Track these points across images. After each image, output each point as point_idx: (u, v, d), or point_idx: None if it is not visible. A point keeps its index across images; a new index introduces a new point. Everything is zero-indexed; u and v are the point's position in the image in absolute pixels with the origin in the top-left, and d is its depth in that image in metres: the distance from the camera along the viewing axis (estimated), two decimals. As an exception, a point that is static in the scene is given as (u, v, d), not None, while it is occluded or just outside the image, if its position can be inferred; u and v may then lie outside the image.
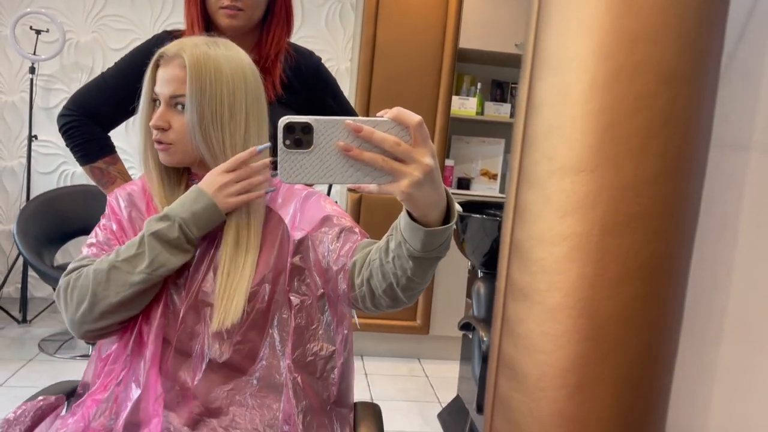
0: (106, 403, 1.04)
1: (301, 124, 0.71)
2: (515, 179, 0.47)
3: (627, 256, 0.43)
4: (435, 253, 0.87)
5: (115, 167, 1.58)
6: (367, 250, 1.02)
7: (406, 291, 0.95)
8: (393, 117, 0.74)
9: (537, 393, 0.44)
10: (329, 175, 0.73)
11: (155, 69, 1.07)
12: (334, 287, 1.04)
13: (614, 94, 0.42)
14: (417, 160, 0.74)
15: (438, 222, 0.84)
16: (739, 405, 0.50)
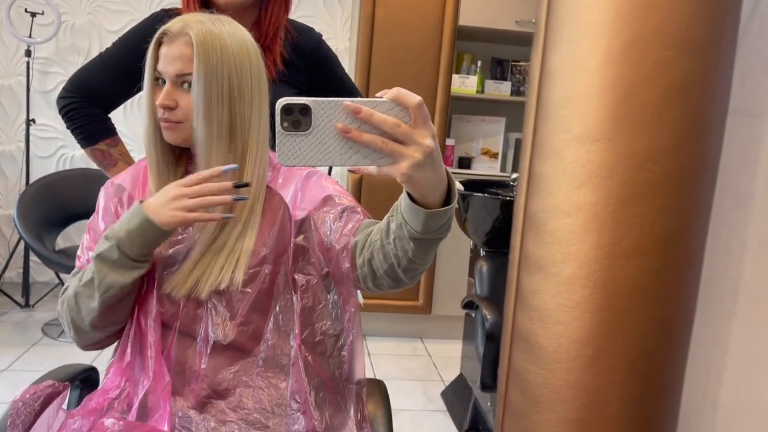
0: (117, 399, 1.04)
1: (299, 105, 0.69)
2: (529, 151, 0.47)
3: (643, 227, 0.42)
4: (436, 234, 0.87)
5: (117, 149, 1.57)
6: (368, 231, 1.02)
7: (408, 272, 0.95)
8: (393, 97, 0.72)
9: (553, 364, 0.44)
10: (328, 157, 0.72)
11: (158, 47, 1.05)
12: (338, 266, 1.05)
13: (630, 63, 0.41)
14: (417, 142, 0.73)
15: (439, 203, 0.83)
16: (753, 376, 0.50)
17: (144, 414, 1.01)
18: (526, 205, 0.47)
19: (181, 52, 1.02)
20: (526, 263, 0.46)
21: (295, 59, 1.59)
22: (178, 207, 0.97)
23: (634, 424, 0.45)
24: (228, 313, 1.05)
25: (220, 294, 1.05)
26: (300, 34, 1.61)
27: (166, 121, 1.04)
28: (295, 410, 1.05)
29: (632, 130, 0.41)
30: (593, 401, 0.44)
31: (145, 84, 1.06)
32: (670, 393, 0.46)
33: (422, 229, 0.85)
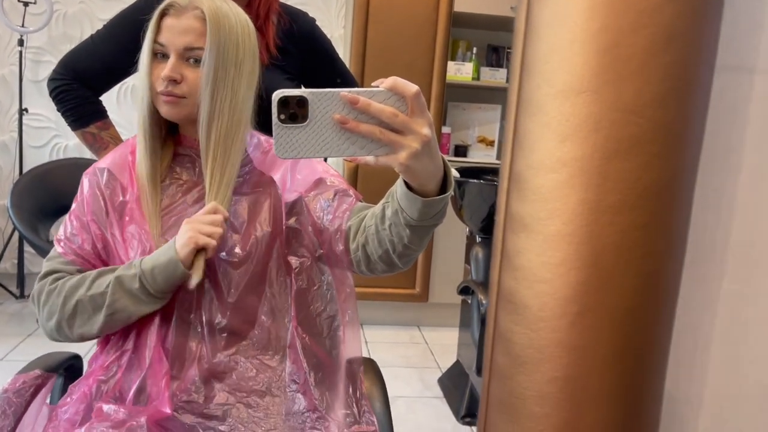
0: (107, 384, 1.03)
1: (295, 97, 0.69)
2: (514, 108, 0.46)
3: (628, 182, 0.42)
4: (432, 221, 0.87)
5: (108, 132, 1.56)
6: (362, 215, 1.02)
7: (402, 257, 0.95)
8: (389, 87, 0.72)
9: (537, 323, 0.44)
10: (326, 148, 0.71)
11: (160, 19, 1.02)
12: (331, 248, 1.04)
13: (615, 12, 0.40)
14: (415, 131, 0.73)
15: (435, 191, 0.83)
16: (741, 337, 0.49)
17: (142, 400, 1.00)
18: (511, 165, 0.46)
19: (191, 25, 1.01)
20: (510, 223, 0.46)
21: (288, 44, 1.57)
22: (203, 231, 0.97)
23: (621, 380, 0.44)
24: (222, 296, 1.04)
25: (214, 278, 1.04)
26: (293, 19, 1.59)
27: (169, 94, 1.01)
28: (294, 390, 1.05)
29: (617, 81, 0.40)
30: (579, 359, 0.43)
31: (144, 56, 1.03)
32: (658, 350, 0.45)
33: (418, 217, 0.85)
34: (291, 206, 1.08)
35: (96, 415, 0.95)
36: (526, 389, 0.45)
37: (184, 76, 1.01)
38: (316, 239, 1.07)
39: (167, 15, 1.02)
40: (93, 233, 1.06)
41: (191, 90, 1.02)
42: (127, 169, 1.10)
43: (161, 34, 1.02)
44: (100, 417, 0.94)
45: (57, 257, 1.07)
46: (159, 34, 1.02)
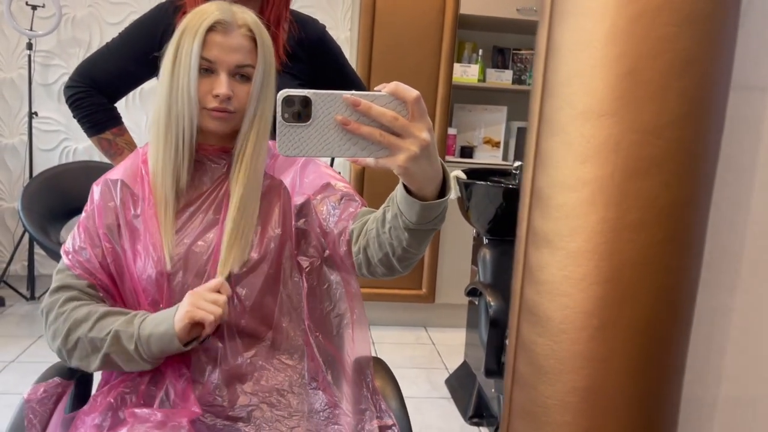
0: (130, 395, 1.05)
1: (299, 97, 0.71)
2: (535, 127, 0.48)
3: (647, 200, 0.43)
4: (430, 225, 0.89)
5: (123, 138, 1.58)
6: (364, 219, 1.04)
7: (402, 261, 0.97)
8: (391, 91, 0.74)
9: (559, 335, 0.46)
10: (327, 148, 0.73)
11: (204, 34, 1.02)
12: (335, 250, 1.06)
13: (635, 37, 0.42)
14: (414, 135, 0.75)
15: (434, 195, 0.85)
16: (754, 347, 0.51)
17: (167, 406, 1.02)
18: (532, 182, 0.48)
19: (240, 44, 1.04)
20: (533, 238, 0.47)
21: (298, 51, 1.60)
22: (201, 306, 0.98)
23: (639, 390, 0.46)
24: (239, 299, 1.06)
25: (229, 281, 1.06)
26: (303, 26, 1.61)
27: (222, 111, 1.04)
28: (314, 388, 1.08)
29: (637, 104, 0.42)
30: (599, 370, 0.45)
31: (189, 71, 1.02)
32: (675, 361, 0.47)
33: (417, 220, 0.87)
34: (299, 208, 1.10)
35: (129, 417, 0.97)
36: (549, 398, 0.47)
37: (233, 92, 1.04)
38: (323, 240, 1.10)
39: (214, 31, 1.03)
40: (103, 247, 1.07)
41: (240, 105, 1.06)
42: (139, 179, 1.11)
43: (209, 51, 1.02)
44: (134, 419, 0.96)
45: (65, 270, 1.08)
46: (206, 50, 1.02)
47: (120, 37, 1.56)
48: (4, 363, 2.67)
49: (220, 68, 1.03)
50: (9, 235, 3.53)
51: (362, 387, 1.12)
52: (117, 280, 1.08)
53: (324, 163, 1.18)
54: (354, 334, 1.12)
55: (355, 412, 1.09)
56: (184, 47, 1.02)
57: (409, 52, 3.11)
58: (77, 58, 3.44)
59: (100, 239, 1.07)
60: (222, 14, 1.04)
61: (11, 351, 2.79)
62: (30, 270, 3.39)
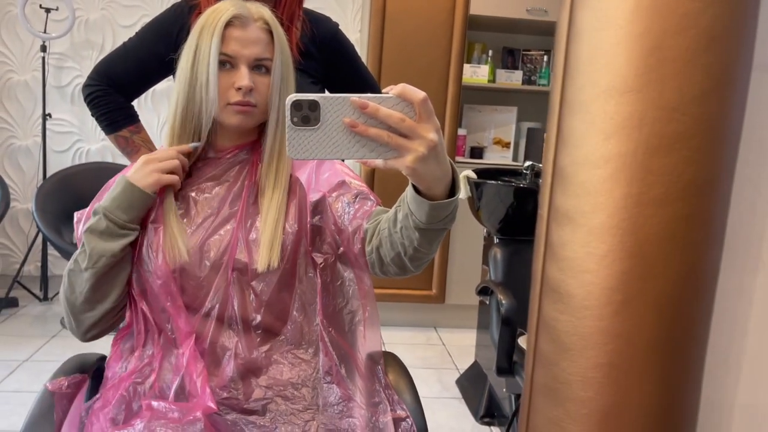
0: (143, 385, 1.06)
1: (308, 101, 0.72)
2: (557, 108, 0.48)
3: (671, 176, 0.44)
4: (440, 225, 0.89)
5: (139, 136, 1.60)
6: (378, 219, 1.05)
7: (414, 260, 0.97)
8: (398, 93, 0.75)
9: (582, 312, 0.46)
10: (336, 150, 0.74)
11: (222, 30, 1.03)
12: (349, 248, 1.07)
13: (658, 15, 0.42)
14: (422, 136, 0.76)
15: (443, 195, 0.86)
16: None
17: (183, 398, 1.03)
18: (555, 160, 0.48)
19: (258, 36, 1.05)
20: (555, 216, 0.48)
21: (311, 49, 1.61)
22: (153, 169, 1.02)
23: (662, 365, 0.46)
24: (255, 293, 1.07)
25: (246, 276, 1.07)
26: (316, 25, 1.63)
27: (245, 104, 1.05)
28: (329, 382, 1.08)
29: (661, 81, 0.43)
30: (622, 346, 0.45)
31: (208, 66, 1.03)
32: (697, 337, 0.47)
33: (427, 220, 0.87)
34: (315, 205, 1.11)
35: (146, 410, 0.97)
36: (571, 374, 0.47)
37: (255, 85, 1.05)
38: (337, 237, 1.10)
39: (232, 26, 1.04)
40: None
41: (261, 98, 1.06)
42: None
43: (228, 45, 1.04)
44: (150, 413, 0.97)
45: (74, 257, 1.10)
46: (225, 45, 1.04)
47: (137, 36, 1.57)
48: (17, 362, 2.69)
49: (240, 62, 1.04)
50: (23, 236, 3.56)
51: (375, 381, 1.12)
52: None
53: (340, 161, 1.19)
54: (366, 331, 1.13)
55: (369, 405, 1.09)
56: (202, 44, 1.04)
57: (419, 53, 3.12)
58: (90, 60, 3.47)
59: None
60: (238, 9, 1.05)
61: (25, 350, 2.81)
62: (43, 271, 3.41)
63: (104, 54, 3.49)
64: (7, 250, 3.56)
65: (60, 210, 3.06)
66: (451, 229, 0.93)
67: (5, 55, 3.43)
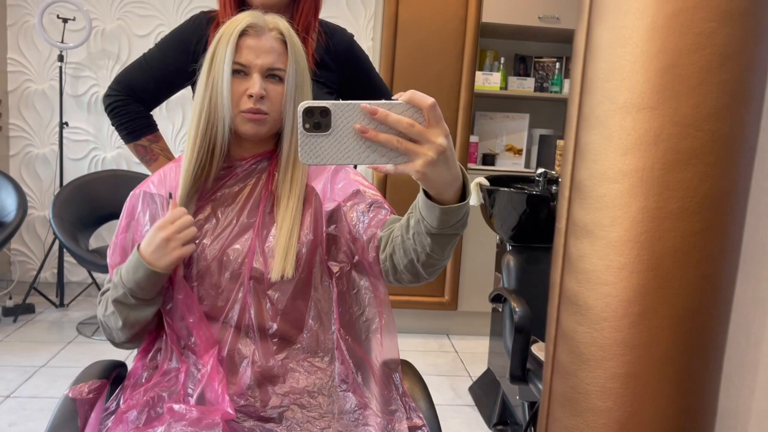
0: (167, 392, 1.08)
1: (319, 108, 0.74)
2: (574, 122, 0.50)
3: (687, 191, 0.45)
4: (452, 230, 0.90)
5: (158, 145, 1.63)
6: (392, 227, 1.06)
7: (427, 267, 0.98)
8: (407, 99, 0.77)
9: (600, 323, 0.47)
10: (347, 156, 0.76)
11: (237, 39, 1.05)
12: (364, 256, 1.08)
13: (675, 34, 0.43)
14: (431, 141, 0.77)
15: (454, 200, 0.87)
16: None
17: (203, 404, 1.05)
18: (572, 174, 0.49)
19: (272, 46, 1.07)
20: (573, 229, 0.49)
21: (327, 60, 1.63)
22: (175, 247, 1.03)
23: (680, 376, 0.47)
24: (271, 302, 1.09)
25: (262, 284, 1.08)
26: (331, 36, 1.65)
27: (257, 112, 1.06)
28: (345, 390, 1.09)
29: (677, 98, 0.44)
30: (640, 357, 0.46)
31: (221, 74, 1.05)
32: (714, 348, 0.48)
33: (438, 225, 0.88)
34: (330, 214, 1.12)
35: (168, 413, 0.99)
36: (589, 385, 0.48)
37: (267, 93, 1.07)
38: (352, 246, 1.11)
39: (246, 35, 1.06)
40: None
41: (274, 107, 1.08)
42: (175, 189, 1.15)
43: (241, 55, 1.06)
44: (172, 415, 0.98)
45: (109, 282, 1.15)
46: (239, 54, 1.06)
47: (156, 47, 1.60)
48: (34, 368, 2.72)
49: (253, 70, 1.06)
50: (39, 243, 3.61)
51: (391, 389, 1.13)
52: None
53: (354, 170, 1.20)
54: (383, 339, 1.14)
55: (385, 413, 1.10)
56: (218, 54, 1.06)
57: (431, 61, 3.14)
58: (106, 70, 3.52)
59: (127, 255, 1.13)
60: (254, 19, 1.07)
61: (41, 356, 2.85)
62: (59, 277, 3.46)
63: (120, 63, 3.55)
64: (24, 257, 3.61)
65: (76, 217, 3.10)
66: (463, 235, 0.94)
67: (23, 65, 3.49)
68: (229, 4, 1.54)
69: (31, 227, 3.59)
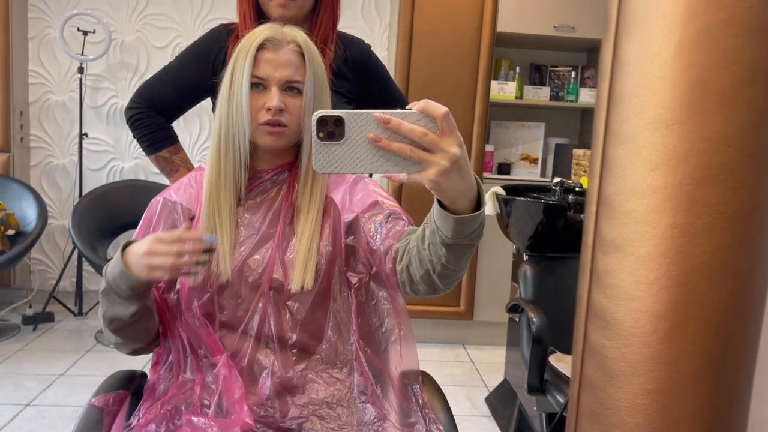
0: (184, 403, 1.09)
1: (333, 117, 0.74)
2: (601, 137, 0.50)
3: (717, 206, 0.45)
4: (467, 240, 0.90)
5: (179, 156, 1.64)
6: (408, 238, 1.06)
7: (443, 278, 0.97)
8: (420, 109, 0.77)
9: (629, 339, 0.47)
10: (360, 165, 0.76)
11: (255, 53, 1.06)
12: (382, 267, 1.08)
13: (703, 50, 0.44)
14: (444, 150, 0.77)
15: (468, 210, 0.86)
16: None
17: (221, 416, 1.05)
18: (599, 189, 0.49)
19: (290, 59, 1.07)
20: (600, 244, 0.49)
21: (344, 70, 1.64)
22: (146, 264, 0.97)
23: (708, 393, 0.47)
24: (291, 313, 1.09)
25: (282, 295, 1.09)
26: (349, 47, 1.66)
27: (276, 124, 1.07)
28: (364, 401, 1.09)
29: (706, 114, 0.44)
30: (670, 373, 0.46)
31: (241, 89, 1.06)
32: (744, 363, 0.48)
33: (453, 235, 0.88)
34: (349, 225, 1.13)
35: (187, 426, 1.00)
36: (618, 401, 0.48)
37: (286, 106, 1.07)
38: (370, 257, 1.12)
39: (264, 49, 1.07)
40: None
41: (293, 119, 1.08)
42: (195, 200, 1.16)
43: (259, 68, 1.06)
44: (191, 428, 0.99)
45: None
46: (257, 68, 1.06)
47: (176, 60, 1.63)
48: (54, 376, 2.75)
49: (271, 83, 1.07)
50: (59, 253, 3.65)
51: (411, 400, 1.13)
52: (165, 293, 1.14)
53: (373, 181, 1.20)
54: (402, 349, 1.14)
55: (404, 425, 1.10)
56: (237, 67, 1.07)
57: (447, 71, 3.14)
58: (125, 81, 3.56)
59: None
60: (271, 32, 1.08)
61: (61, 365, 2.87)
62: (78, 286, 3.49)
63: (138, 74, 3.59)
64: (44, 266, 3.65)
65: (95, 227, 3.13)
66: (479, 245, 0.93)
67: (44, 77, 3.54)
68: (249, 17, 1.55)
69: (50, 237, 3.64)
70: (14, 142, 3.43)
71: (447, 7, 3.10)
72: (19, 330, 3.27)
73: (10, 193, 3.21)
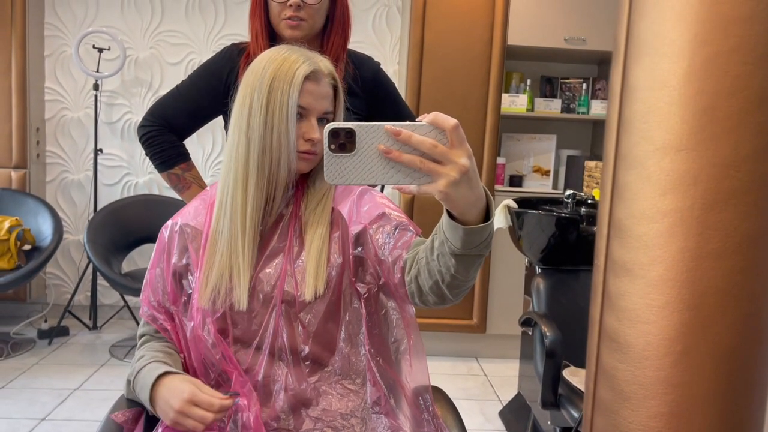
0: None
1: (344, 129, 0.76)
2: (612, 162, 0.50)
3: (727, 231, 0.45)
4: (476, 251, 0.91)
5: (190, 173, 1.66)
6: (417, 249, 1.06)
7: (452, 288, 0.98)
8: (430, 121, 0.78)
9: (642, 362, 0.47)
10: (371, 176, 0.78)
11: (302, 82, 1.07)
12: (390, 278, 1.09)
13: (711, 77, 0.44)
14: (453, 161, 0.78)
15: (477, 220, 0.87)
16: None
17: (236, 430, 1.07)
18: (610, 213, 0.50)
19: (327, 92, 1.12)
20: (612, 267, 0.50)
21: (354, 87, 1.66)
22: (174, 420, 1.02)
23: (722, 416, 0.47)
24: (303, 325, 1.10)
25: (294, 308, 1.10)
26: (359, 65, 1.68)
27: (312, 153, 1.11)
28: (377, 412, 1.10)
29: (715, 139, 0.44)
30: (683, 396, 0.46)
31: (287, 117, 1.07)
32: (757, 386, 0.48)
33: (462, 246, 0.89)
34: (356, 237, 1.14)
35: None
36: (632, 423, 0.48)
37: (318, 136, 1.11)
38: (378, 268, 1.12)
39: (308, 80, 1.08)
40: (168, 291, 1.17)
41: (320, 147, 1.12)
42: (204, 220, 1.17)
43: (303, 98, 1.08)
44: None
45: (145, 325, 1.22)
46: (302, 98, 1.08)
47: (189, 79, 1.65)
48: (68, 390, 2.77)
49: (311, 114, 1.10)
50: (74, 267, 3.68)
51: (423, 411, 1.14)
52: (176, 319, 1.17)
53: (379, 193, 1.22)
54: (411, 360, 1.15)
55: None
56: (278, 94, 1.06)
57: (457, 84, 3.16)
58: (139, 98, 3.61)
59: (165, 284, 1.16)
60: (310, 65, 1.09)
61: (75, 379, 2.90)
62: (93, 300, 3.52)
63: (152, 90, 3.64)
64: (59, 280, 3.69)
65: (109, 241, 3.17)
66: (491, 258, 0.94)
67: (60, 94, 3.60)
68: (261, 35, 1.58)
69: (66, 251, 3.68)
70: (30, 158, 3.49)
71: (457, 21, 3.12)
72: (35, 344, 3.30)
73: (26, 209, 3.25)
